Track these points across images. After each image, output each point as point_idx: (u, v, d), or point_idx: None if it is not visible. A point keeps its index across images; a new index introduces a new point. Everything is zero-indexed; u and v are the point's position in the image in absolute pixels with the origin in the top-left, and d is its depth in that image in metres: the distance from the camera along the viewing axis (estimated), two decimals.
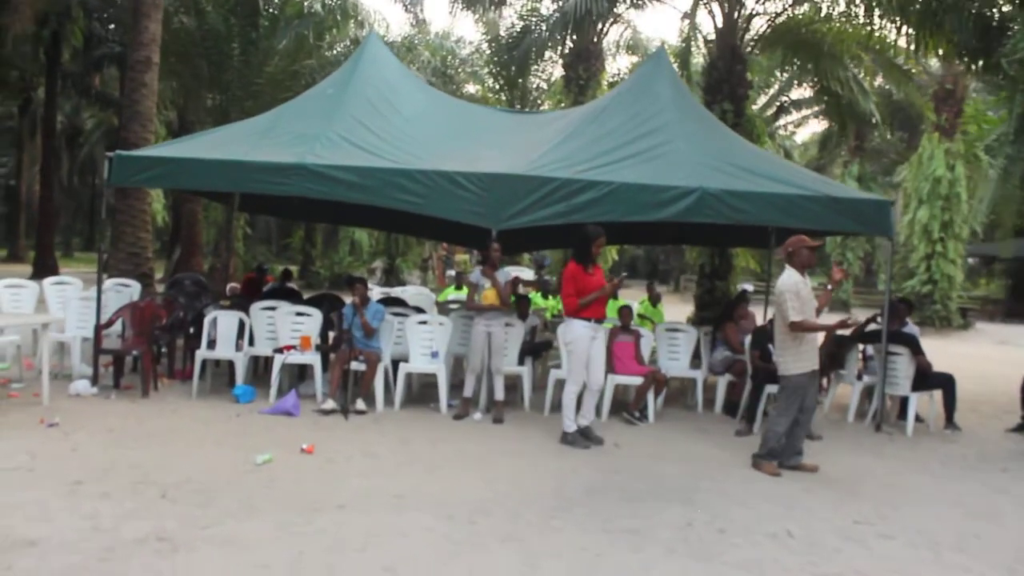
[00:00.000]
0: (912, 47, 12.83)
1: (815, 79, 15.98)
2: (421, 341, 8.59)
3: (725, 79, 13.32)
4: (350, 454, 6.48)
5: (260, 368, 9.59)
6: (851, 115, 16.40)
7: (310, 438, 6.79)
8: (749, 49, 14.07)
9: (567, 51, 20.08)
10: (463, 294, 14.40)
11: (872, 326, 9.15)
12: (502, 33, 26.88)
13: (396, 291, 13.95)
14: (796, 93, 29.74)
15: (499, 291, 8.03)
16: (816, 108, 29.27)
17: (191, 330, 9.41)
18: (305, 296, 10.82)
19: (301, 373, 9.29)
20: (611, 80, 21.64)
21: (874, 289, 37.00)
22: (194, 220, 22.81)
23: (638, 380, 8.42)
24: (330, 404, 7.82)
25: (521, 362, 8.80)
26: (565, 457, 6.77)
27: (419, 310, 10.14)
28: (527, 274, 28.17)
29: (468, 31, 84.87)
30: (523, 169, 8.32)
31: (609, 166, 8.51)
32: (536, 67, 22.38)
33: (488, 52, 28.12)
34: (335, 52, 22.27)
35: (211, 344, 8.67)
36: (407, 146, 8.75)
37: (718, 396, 9.23)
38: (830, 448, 7.64)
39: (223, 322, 8.72)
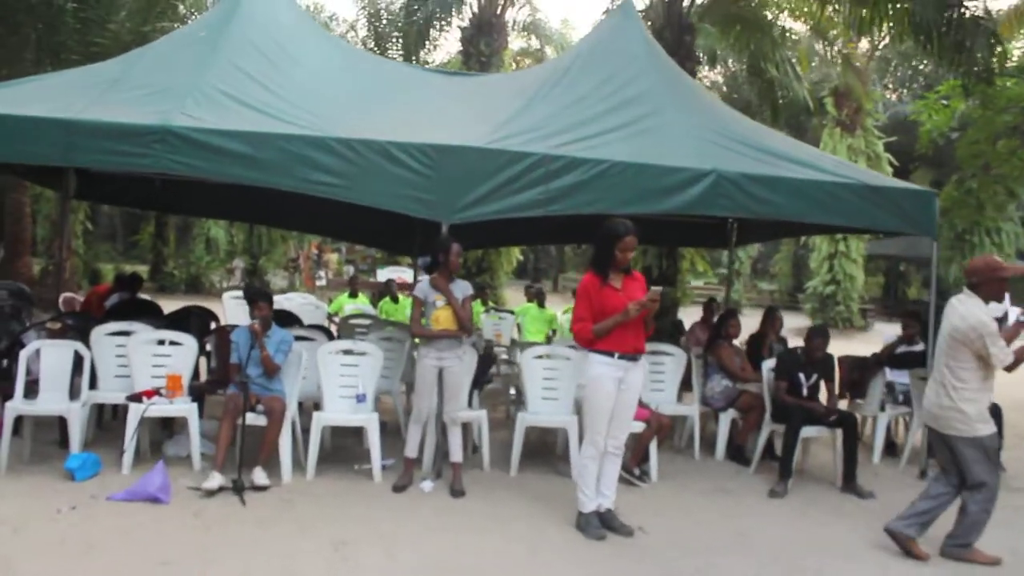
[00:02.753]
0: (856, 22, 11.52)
1: (748, 60, 14.46)
2: (339, 378, 6.19)
3: (674, 51, 11.49)
4: None
5: (108, 420, 6.92)
6: (785, 102, 15.01)
7: (187, 547, 4.32)
8: (696, 20, 12.31)
9: (467, 22, 17.87)
10: (364, 305, 11.95)
11: (905, 347, 7.44)
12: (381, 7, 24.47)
13: (280, 301, 11.32)
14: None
15: (456, 311, 5.75)
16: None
17: (2, 364, 6.59)
18: (164, 310, 8.14)
19: (167, 425, 6.67)
20: (516, 59, 19.60)
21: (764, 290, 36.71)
22: (20, 213, 19.03)
23: (638, 426, 6.33)
24: (216, 480, 5.30)
25: (469, 402, 6.56)
26: (586, 557, 4.62)
27: (324, 331, 7.68)
28: (408, 276, 25.95)
29: (343, 7, 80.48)
30: (482, 140, 6.08)
31: (591, 140, 6.40)
32: (428, 44, 20.05)
33: (367, 31, 25.53)
34: (195, 15, 19.10)
35: (31, 389, 5.95)
36: (315, 107, 6.30)
37: (719, 438, 7.27)
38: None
39: (50, 356, 6.01)
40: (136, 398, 5.82)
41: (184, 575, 4.09)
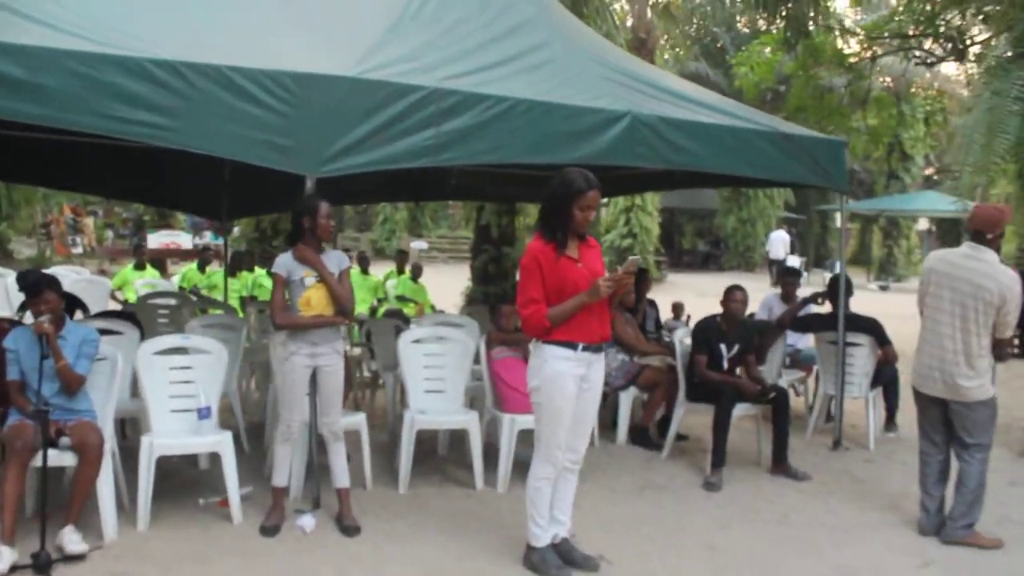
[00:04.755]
0: None
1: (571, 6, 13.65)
2: (168, 387, 4.61)
3: None
4: None
5: None
6: None
7: None
8: None
9: None
10: (157, 279, 9.96)
11: (811, 308, 6.91)
12: None
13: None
14: None
15: (333, 289, 4.37)
16: None
17: None
18: None
19: None
20: None
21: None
22: None
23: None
24: (5, 559, 3.62)
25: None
26: None
27: (127, 317, 5.93)
28: (184, 240, 23.12)
29: None
30: (352, 70, 4.67)
31: (480, 74, 5.17)
32: None
33: None
34: None
35: None
36: (121, 23, 4.54)
37: (621, 421, 6.40)
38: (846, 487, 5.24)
39: None
40: None
41: None
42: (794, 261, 24.76)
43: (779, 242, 25.48)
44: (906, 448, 6.54)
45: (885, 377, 6.71)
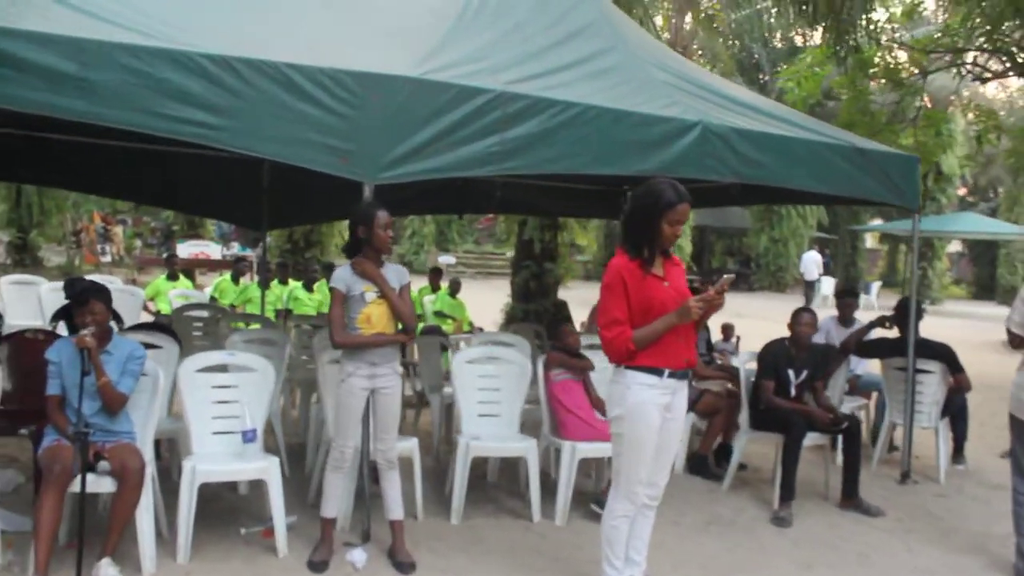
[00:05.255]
0: None
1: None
2: (211, 408, 4.30)
3: None
4: None
5: None
6: None
7: None
8: None
9: None
10: (189, 289, 9.71)
11: (877, 332, 6.52)
12: None
13: None
14: None
15: (395, 305, 4.06)
16: None
17: None
18: None
19: None
20: None
21: None
22: None
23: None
24: None
25: None
26: None
27: (166, 331, 5.64)
28: (214, 251, 22.90)
29: None
30: (414, 70, 4.38)
31: (545, 78, 4.87)
32: None
33: None
34: None
35: None
36: (173, 18, 4.26)
37: (680, 448, 6.04)
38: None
39: None
40: None
41: None
42: (828, 283, 24.31)
43: (812, 263, 25.02)
44: (975, 483, 6.21)
45: (954, 407, 6.32)
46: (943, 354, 6.09)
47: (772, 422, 5.35)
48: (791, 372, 5.45)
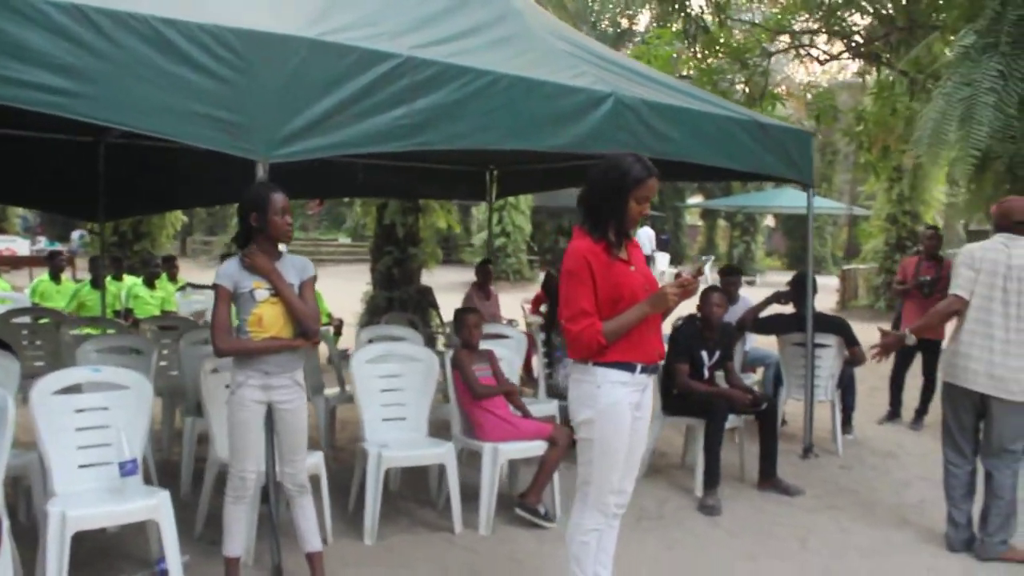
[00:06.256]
0: None
1: None
2: (78, 435, 3.54)
3: None
4: None
5: None
6: None
7: None
8: None
9: None
10: (7, 291, 8.45)
11: (772, 308, 6.47)
12: None
13: None
14: None
15: (292, 305, 3.45)
16: None
17: None
18: None
19: None
20: None
21: None
22: None
23: (537, 446, 4.55)
24: None
25: None
26: None
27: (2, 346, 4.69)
28: (21, 246, 20.46)
29: None
30: (307, 30, 3.77)
31: (447, 44, 4.38)
32: None
33: None
34: None
35: None
36: None
37: None
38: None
39: None
40: None
41: None
42: (662, 258, 25.07)
43: (645, 238, 25.69)
44: (869, 452, 6.35)
45: (844, 378, 6.42)
46: (839, 327, 6.15)
47: (690, 407, 5.15)
48: (704, 354, 5.27)
